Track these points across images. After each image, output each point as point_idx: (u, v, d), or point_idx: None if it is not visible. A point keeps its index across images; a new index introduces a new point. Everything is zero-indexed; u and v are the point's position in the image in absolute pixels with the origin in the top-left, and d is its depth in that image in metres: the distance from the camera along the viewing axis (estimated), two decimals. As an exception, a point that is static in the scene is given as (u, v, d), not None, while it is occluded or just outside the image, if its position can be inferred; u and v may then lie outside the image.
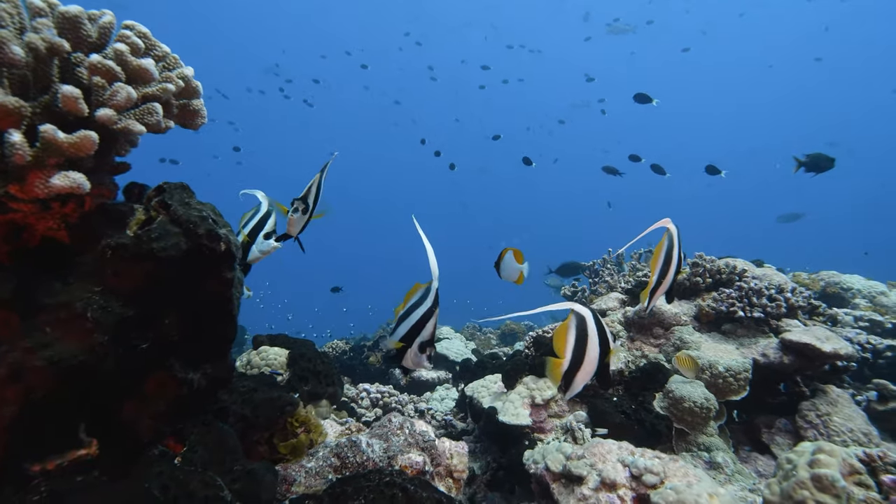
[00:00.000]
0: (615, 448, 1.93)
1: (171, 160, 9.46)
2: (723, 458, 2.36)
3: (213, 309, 1.26)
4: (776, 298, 2.73)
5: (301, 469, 1.62)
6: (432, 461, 1.85)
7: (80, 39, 1.08)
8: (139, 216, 1.17)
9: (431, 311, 1.31)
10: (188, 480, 1.09)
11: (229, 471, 1.21)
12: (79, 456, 1.07)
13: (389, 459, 1.74)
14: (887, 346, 3.40)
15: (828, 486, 1.49)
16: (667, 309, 2.97)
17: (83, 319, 1.00)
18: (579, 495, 1.81)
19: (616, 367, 2.81)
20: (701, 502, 1.65)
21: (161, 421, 1.18)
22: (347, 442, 1.71)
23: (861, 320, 3.94)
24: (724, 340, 2.79)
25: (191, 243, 1.15)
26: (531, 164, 7.48)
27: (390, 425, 1.87)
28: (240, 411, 1.62)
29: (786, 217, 9.52)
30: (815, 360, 2.47)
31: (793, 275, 4.77)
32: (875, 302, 4.28)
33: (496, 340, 7.91)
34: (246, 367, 2.75)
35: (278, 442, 1.77)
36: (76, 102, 0.98)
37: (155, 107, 1.12)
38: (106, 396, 1.11)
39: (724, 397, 2.56)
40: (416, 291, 1.37)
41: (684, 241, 2.02)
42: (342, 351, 5.45)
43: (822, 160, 4.39)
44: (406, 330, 1.33)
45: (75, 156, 0.98)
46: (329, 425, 2.06)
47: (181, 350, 1.22)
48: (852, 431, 2.35)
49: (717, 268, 3.08)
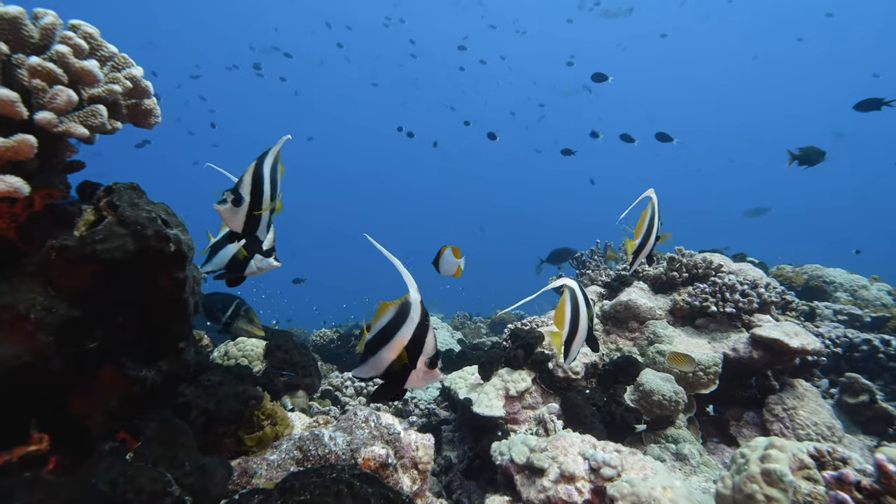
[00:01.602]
0: (578, 441, 1.97)
1: (145, 140, 9.42)
2: (689, 450, 2.41)
3: (166, 309, 1.28)
4: (749, 294, 2.76)
5: (263, 462, 1.65)
6: (396, 454, 1.89)
7: (21, 40, 1.08)
8: (87, 216, 1.19)
9: (425, 324, 1.17)
10: (136, 476, 1.12)
11: (181, 465, 1.24)
12: (28, 452, 1.09)
13: (353, 452, 1.77)
14: (863, 339, 3.45)
15: (776, 481, 1.53)
16: (642, 303, 3.00)
17: (26, 320, 1.02)
18: (539, 487, 1.85)
19: (590, 361, 2.84)
20: (655, 494, 1.69)
21: (113, 417, 1.21)
22: (310, 435, 1.74)
23: (840, 314, 3.98)
24: (696, 335, 2.83)
25: (138, 244, 1.16)
26: (495, 138, 7.66)
27: (355, 418, 1.90)
28: (203, 405, 1.64)
29: (752, 212, 9.59)
30: (784, 355, 2.51)
31: (777, 267, 4.80)
32: (856, 296, 4.32)
33: (486, 329, 7.97)
34: (223, 357, 2.79)
35: (244, 435, 1.81)
36: (13, 106, 0.99)
37: (99, 109, 1.12)
38: (56, 394, 1.13)
39: (694, 390, 2.60)
40: (385, 310, 1.18)
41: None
42: (329, 339, 5.50)
43: (814, 153, 4.40)
44: (389, 354, 1.16)
45: (13, 159, 0.99)
46: (297, 418, 2.10)
47: (133, 348, 1.24)
48: (816, 425, 2.39)
49: (694, 262, 3.10)
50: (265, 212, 1.31)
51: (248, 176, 1.25)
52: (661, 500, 1.67)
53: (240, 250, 1.58)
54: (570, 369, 2.76)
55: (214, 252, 1.85)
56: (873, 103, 4.12)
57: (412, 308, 1.16)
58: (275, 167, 1.32)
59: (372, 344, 1.17)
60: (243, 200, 1.24)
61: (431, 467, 2.04)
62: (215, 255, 1.77)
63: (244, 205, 1.24)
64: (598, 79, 6.35)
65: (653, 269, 3.28)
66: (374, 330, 1.17)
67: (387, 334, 1.16)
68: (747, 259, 4.22)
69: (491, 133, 7.96)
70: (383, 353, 1.16)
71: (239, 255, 1.47)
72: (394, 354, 1.15)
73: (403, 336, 1.14)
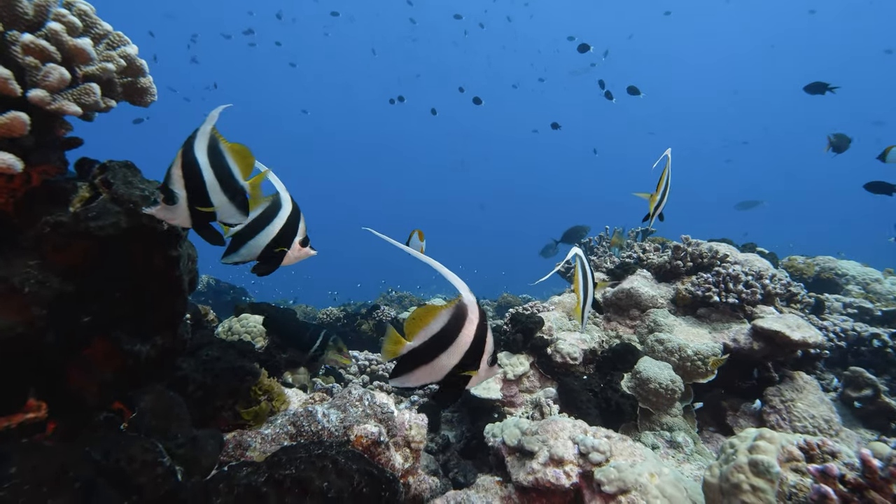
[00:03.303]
0: (569, 426, 1.99)
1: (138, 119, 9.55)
2: (683, 438, 2.42)
3: (161, 285, 1.31)
4: (752, 285, 2.72)
5: (258, 436, 1.70)
6: (389, 432, 1.93)
7: (15, 17, 1.09)
8: (83, 193, 1.21)
9: (484, 324, 1.13)
10: (129, 445, 1.16)
11: (173, 437, 1.29)
12: (27, 419, 1.14)
13: (345, 429, 1.81)
14: (871, 334, 3.39)
15: (763, 472, 1.54)
16: (644, 291, 2.98)
17: (20, 294, 1.05)
18: (528, 469, 1.88)
19: (589, 347, 2.85)
20: (641, 481, 1.71)
21: (108, 389, 1.25)
22: (304, 411, 1.78)
23: (850, 307, 3.91)
24: (697, 324, 2.81)
25: (131, 222, 1.19)
26: (480, 102, 7.82)
27: (349, 397, 1.94)
28: (201, 379, 1.69)
29: (744, 205, 9.59)
30: (785, 348, 2.49)
31: (788, 258, 4.72)
32: (868, 289, 4.23)
33: (493, 312, 8.00)
34: (227, 332, 2.85)
35: (241, 409, 1.86)
36: (6, 83, 1.00)
37: (92, 87, 1.13)
38: (52, 366, 1.17)
39: (691, 379, 2.60)
40: (436, 316, 1.12)
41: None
42: (336, 318, 5.57)
43: (844, 140, 4.39)
44: (455, 360, 1.11)
45: (7, 136, 1.01)
46: (294, 394, 2.15)
47: (128, 324, 1.28)
48: (814, 418, 2.38)
49: (700, 252, 3.06)
50: (227, 201, 1.14)
51: (175, 168, 1.05)
52: (648, 486, 1.69)
53: (276, 243, 1.38)
54: (569, 355, 2.77)
55: (241, 241, 1.57)
56: (819, 87, 4.21)
57: (469, 310, 1.12)
58: (215, 148, 1.11)
59: (423, 351, 1.11)
60: (177, 196, 1.05)
61: (424, 446, 2.08)
62: (242, 246, 1.50)
63: (181, 201, 1.06)
64: (633, 92, 6.32)
65: (657, 257, 3.25)
66: (422, 337, 1.10)
67: (444, 340, 1.10)
68: (757, 249, 4.15)
69: (476, 98, 8.08)
70: (442, 360, 1.11)
71: (274, 247, 1.30)
72: (455, 360, 1.11)
73: (464, 340, 1.10)
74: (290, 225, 1.32)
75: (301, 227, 1.35)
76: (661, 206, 2.29)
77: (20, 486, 0.99)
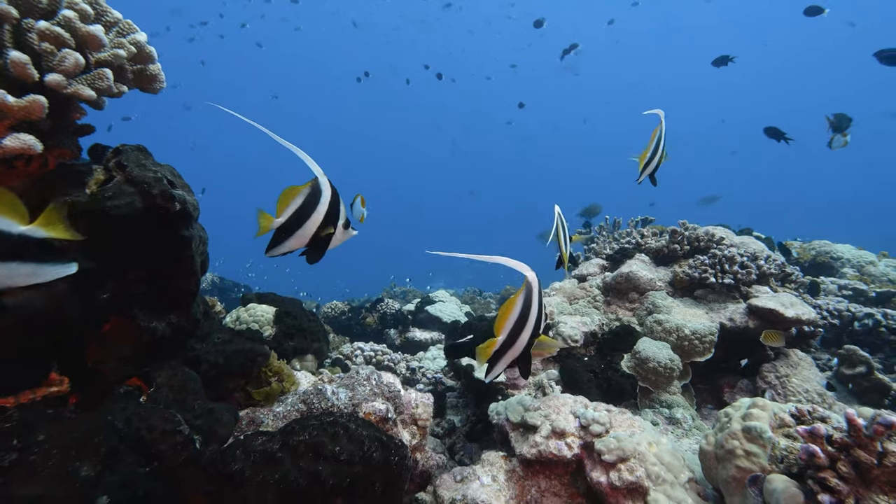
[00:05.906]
0: (570, 401, 2.05)
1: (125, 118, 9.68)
2: (682, 415, 2.47)
3: (173, 264, 1.36)
4: (748, 266, 2.77)
5: (270, 413, 1.76)
6: (396, 409, 1.99)
7: (30, 6, 1.14)
8: (98, 176, 1.26)
9: (540, 293, 1.49)
10: (149, 415, 1.22)
11: (191, 409, 1.34)
12: (50, 392, 1.20)
13: (354, 407, 1.87)
14: (865, 313, 3.45)
15: (755, 437, 1.59)
16: (643, 275, 3.04)
17: (44, 270, 1.10)
18: (532, 442, 1.94)
19: (590, 329, 2.90)
20: (640, 449, 1.77)
21: (126, 364, 1.30)
22: (314, 390, 1.84)
23: (845, 289, 3.97)
24: (694, 305, 2.86)
25: (146, 202, 1.24)
26: (440, 78, 8.16)
27: (358, 377, 2.00)
28: (213, 359, 1.75)
29: (705, 200, 9.73)
30: (779, 325, 2.54)
31: (786, 243, 4.77)
32: (863, 272, 4.29)
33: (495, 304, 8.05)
34: (235, 322, 2.90)
35: (252, 389, 1.92)
36: (24, 68, 1.05)
37: (105, 72, 1.18)
38: (73, 341, 1.23)
39: (689, 358, 2.65)
40: (514, 302, 1.48)
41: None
42: (340, 311, 5.63)
43: (844, 120, 4.45)
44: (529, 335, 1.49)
45: (26, 118, 1.06)
46: (304, 376, 2.20)
47: (144, 301, 1.33)
48: (808, 392, 2.44)
49: (697, 236, 3.11)
50: None
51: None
52: (646, 454, 1.74)
53: (323, 227, 1.40)
54: (570, 337, 2.82)
55: (288, 232, 1.45)
56: (775, 133, 4.33)
57: (533, 296, 1.47)
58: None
59: (518, 321, 1.47)
60: None
61: (430, 424, 2.14)
62: (290, 237, 1.42)
63: None
64: (720, 62, 6.01)
65: (655, 241, 3.30)
66: (506, 330, 1.48)
67: (525, 316, 1.47)
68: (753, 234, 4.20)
69: (438, 73, 8.43)
70: (523, 338, 1.48)
71: (322, 232, 1.35)
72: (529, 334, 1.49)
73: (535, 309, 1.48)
74: (333, 208, 1.37)
75: (342, 210, 1.42)
76: (653, 167, 2.31)
77: (49, 451, 1.05)
